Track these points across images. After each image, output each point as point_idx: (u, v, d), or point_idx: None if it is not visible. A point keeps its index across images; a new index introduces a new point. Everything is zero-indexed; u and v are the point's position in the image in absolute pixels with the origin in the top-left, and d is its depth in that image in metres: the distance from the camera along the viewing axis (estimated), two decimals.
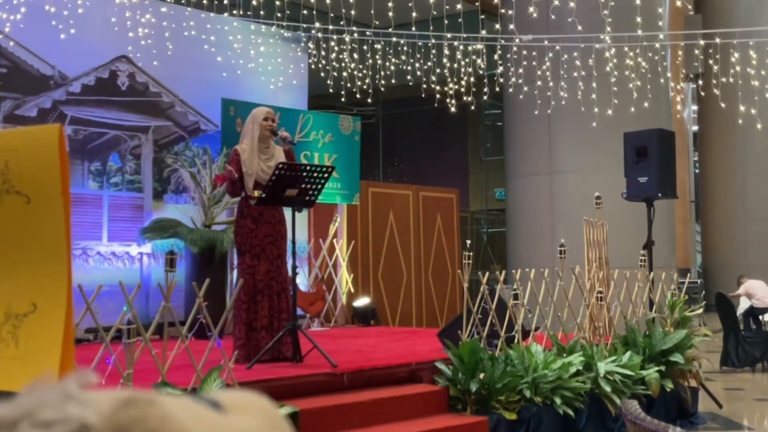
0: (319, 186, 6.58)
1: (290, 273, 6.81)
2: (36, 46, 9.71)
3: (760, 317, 13.00)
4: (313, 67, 12.69)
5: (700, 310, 9.03)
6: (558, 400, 6.76)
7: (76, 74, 10.05)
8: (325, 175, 6.58)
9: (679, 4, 16.21)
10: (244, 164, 6.68)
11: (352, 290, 11.51)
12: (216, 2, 10.98)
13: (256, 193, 6.60)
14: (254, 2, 11.10)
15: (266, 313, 6.66)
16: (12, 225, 1.69)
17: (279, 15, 11.58)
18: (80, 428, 0.73)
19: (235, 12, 11.11)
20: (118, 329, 5.49)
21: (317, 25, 11.81)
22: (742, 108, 16.12)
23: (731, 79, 16.25)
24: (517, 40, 11.73)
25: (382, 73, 12.80)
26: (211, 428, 0.76)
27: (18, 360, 1.67)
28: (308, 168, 6.55)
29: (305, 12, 11.68)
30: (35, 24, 9.62)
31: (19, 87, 9.63)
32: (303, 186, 6.50)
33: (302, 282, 10.55)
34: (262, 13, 11.54)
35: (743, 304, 13.29)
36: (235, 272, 8.16)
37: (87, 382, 0.78)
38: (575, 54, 11.49)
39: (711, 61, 16.52)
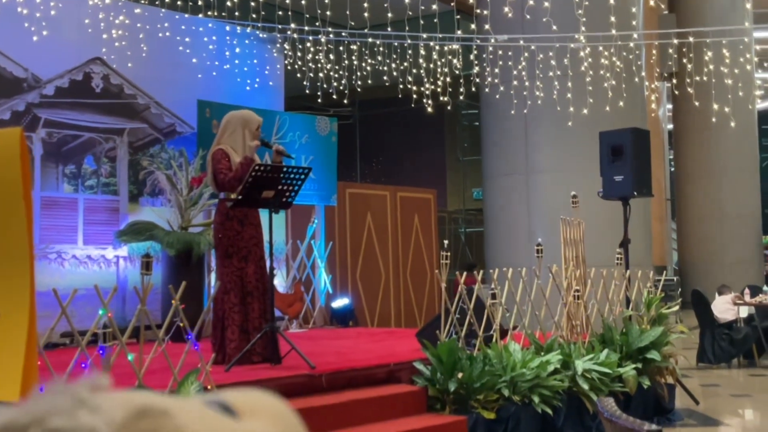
0: (296, 187, 6.57)
1: (268, 274, 6.81)
2: (8, 48, 9.63)
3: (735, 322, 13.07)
4: (289, 68, 12.67)
5: (677, 308, 9.08)
6: (536, 399, 6.78)
7: (49, 76, 9.98)
8: (302, 177, 6.58)
9: (652, 3, 16.31)
10: (233, 164, 6.64)
11: (330, 291, 11.50)
12: (190, 3, 10.93)
13: (233, 195, 6.58)
14: (229, 3, 11.07)
15: (257, 315, 6.65)
16: None
17: (254, 16, 11.54)
18: None
19: (210, 13, 11.06)
20: (93, 333, 5.46)
21: (293, 26, 11.79)
22: (716, 106, 16.23)
23: (705, 78, 16.37)
24: (492, 40, 11.76)
25: (359, 73, 12.80)
26: None
27: None
28: (285, 169, 6.53)
29: (280, 13, 11.67)
30: (7, 26, 9.55)
31: None
32: (280, 187, 6.49)
33: (280, 283, 10.53)
34: (237, 14, 11.51)
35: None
36: (212, 275, 8.12)
37: (99, 385, 0.77)
38: (550, 54, 11.54)
39: (685, 60, 16.63)
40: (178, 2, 10.81)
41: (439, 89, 12.75)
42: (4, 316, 1.55)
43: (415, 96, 13.04)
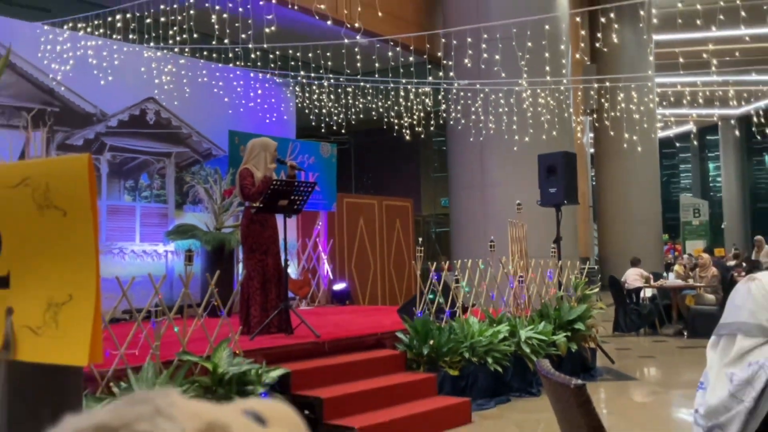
0: (305, 198, 6.56)
1: (284, 266, 6.79)
2: (82, 90, 9.63)
3: (641, 294, 13.15)
4: (299, 105, 12.65)
5: (597, 289, 9.09)
6: (490, 360, 6.79)
7: (113, 112, 9.97)
8: (309, 190, 6.56)
9: (578, 56, 16.35)
10: (256, 180, 6.62)
11: (331, 277, 11.49)
12: (223, 55, 10.91)
13: (255, 204, 6.57)
14: (252, 55, 11.05)
15: (274, 296, 6.63)
16: (52, 233, 1.67)
17: (272, 66, 11.53)
18: None
19: (238, 63, 11.04)
20: (147, 311, 5.42)
21: (302, 73, 11.78)
22: (626, 135, 16.30)
23: (618, 114, 16.44)
24: (455, 85, 11.77)
25: (353, 110, 12.79)
26: None
27: (58, 338, 1.64)
28: (296, 184, 6.52)
29: (292, 63, 11.66)
30: (81, 73, 9.54)
31: (68, 122, 9.53)
32: (292, 198, 6.48)
33: (292, 271, 10.52)
34: (258, 64, 11.49)
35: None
36: (240, 265, 8.08)
37: (174, 398, 0.75)
38: (500, 95, 11.57)
39: (603, 100, 16.69)
40: (213, 55, 10.78)
41: (414, 122, 12.75)
42: (75, 298, 1.54)
43: (396, 127, 13.03)
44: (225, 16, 9.75)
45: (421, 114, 12.74)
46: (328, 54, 11.18)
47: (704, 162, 35.65)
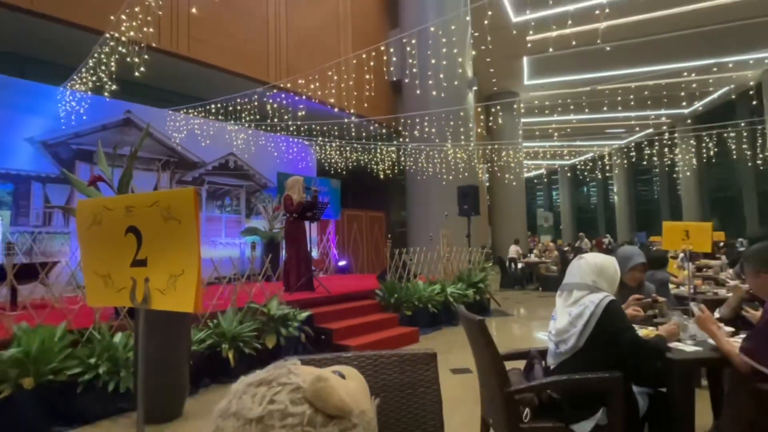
0: (322, 211, 6.52)
1: (310, 252, 6.73)
2: (192, 148, 9.48)
3: (517, 265, 13.23)
4: (318, 157, 12.58)
5: (491, 263, 9.15)
6: (430, 306, 6.79)
7: (210, 161, 9.83)
8: (324, 206, 6.52)
9: (479, 130, 16.50)
10: (294, 202, 6.54)
11: (337, 258, 11.41)
12: (274, 129, 10.82)
13: (293, 215, 6.50)
14: (291, 128, 10.98)
15: (304, 270, 6.52)
16: (172, 234, 1.62)
17: (303, 134, 11.46)
18: (296, 388, 0.70)
19: (282, 132, 10.97)
20: (229, 278, 5.33)
21: (320, 139, 11.73)
22: (507, 175, 16.41)
23: (501, 163, 16.54)
24: (409, 146, 11.80)
25: (350, 160, 12.73)
26: (346, 390, 0.73)
27: (176, 296, 1.60)
28: (317, 203, 6.47)
29: (314, 132, 11.60)
30: (191, 138, 9.40)
31: (183, 167, 9.38)
32: (314, 211, 6.42)
33: (314, 254, 10.44)
34: (294, 133, 11.41)
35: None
36: (283, 252, 7.98)
37: (296, 363, 0.76)
38: (435, 152, 11.61)
39: (494, 155, 16.78)
40: (268, 128, 10.69)
41: (386, 168, 12.75)
42: (186, 272, 1.50)
43: (375, 170, 13.02)
44: (275, 105, 9.70)
45: (389, 163, 12.73)
46: (335, 127, 11.15)
47: (551, 191, 36.23)
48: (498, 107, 16.20)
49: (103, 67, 6.32)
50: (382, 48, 10.83)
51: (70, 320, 3.81)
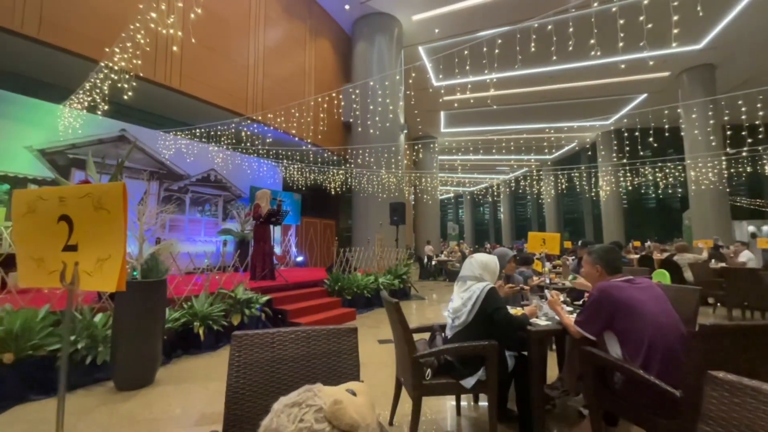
0: (283, 218, 6.28)
1: (273, 249, 6.45)
2: (178, 163, 8.79)
3: (432, 261, 13.48)
4: (284, 176, 12.16)
5: (412, 261, 9.27)
6: (366, 292, 6.72)
7: (194, 174, 9.17)
8: (286, 214, 6.30)
9: (406, 162, 16.79)
10: (262, 210, 6.23)
11: (296, 254, 11.04)
12: (248, 151, 10.32)
13: (260, 220, 6.21)
14: (261, 151, 10.54)
15: (268, 264, 6.20)
16: (102, 223, 1.48)
17: (272, 156, 11.04)
18: (319, 409, 0.65)
19: (254, 154, 10.50)
20: (203, 269, 4.96)
21: (285, 161, 11.36)
22: (425, 196, 16.80)
23: (423, 186, 16.90)
24: (354, 171, 11.77)
25: (308, 179, 12.40)
26: (355, 407, 0.68)
27: (101, 278, 1.46)
28: (280, 211, 6.23)
29: (281, 155, 11.23)
30: (177, 155, 8.72)
31: (170, 178, 8.66)
32: (277, 218, 6.18)
33: (278, 251, 10.02)
34: (264, 155, 10.95)
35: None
36: (251, 248, 7.58)
37: (320, 388, 0.69)
38: (374, 177, 11.66)
39: (417, 182, 17.12)
40: (243, 150, 10.18)
41: (336, 186, 12.62)
42: (112, 257, 1.36)
43: (329, 187, 12.81)
44: (249, 132, 9.28)
45: (339, 182, 12.61)
46: (297, 153, 10.86)
47: (458, 209, 37.77)
48: (421, 146, 16.68)
49: (98, 91, 5.74)
50: (335, 95, 10.77)
51: (53, 303, 3.34)
